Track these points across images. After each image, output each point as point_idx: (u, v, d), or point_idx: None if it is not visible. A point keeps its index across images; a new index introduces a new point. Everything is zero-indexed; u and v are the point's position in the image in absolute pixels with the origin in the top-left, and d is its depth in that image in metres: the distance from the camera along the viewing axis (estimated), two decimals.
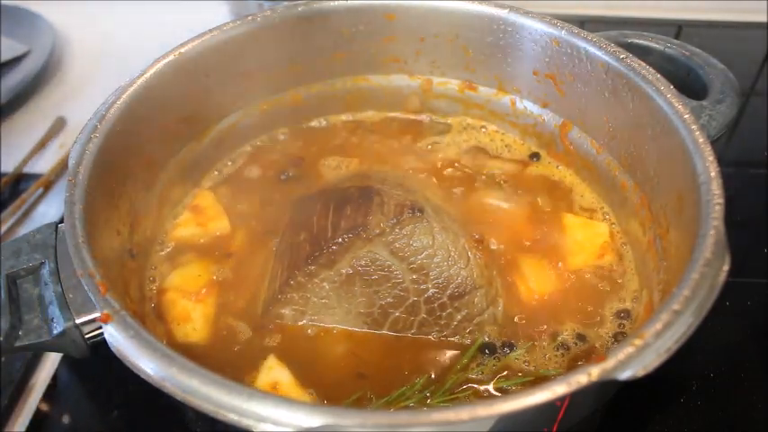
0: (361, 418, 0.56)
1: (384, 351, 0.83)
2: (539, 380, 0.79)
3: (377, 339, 0.84)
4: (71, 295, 0.69)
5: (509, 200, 1.01)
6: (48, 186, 1.31)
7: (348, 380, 0.81)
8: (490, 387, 0.80)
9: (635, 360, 0.59)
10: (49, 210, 1.27)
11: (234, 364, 0.82)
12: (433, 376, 0.80)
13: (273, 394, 0.60)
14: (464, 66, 1.08)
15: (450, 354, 0.82)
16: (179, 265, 0.93)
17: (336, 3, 1.02)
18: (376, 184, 0.87)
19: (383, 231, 0.80)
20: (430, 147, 1.11)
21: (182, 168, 1.00)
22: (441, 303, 0.82)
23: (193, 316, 0.86)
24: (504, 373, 0.81)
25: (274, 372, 0.80)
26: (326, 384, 0.80)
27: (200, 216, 0.99)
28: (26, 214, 1.27)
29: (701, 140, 0.76)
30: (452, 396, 0.78)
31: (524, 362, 0.82)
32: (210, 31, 0.97)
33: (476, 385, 0.80)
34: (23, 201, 1.26)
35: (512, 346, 0.83)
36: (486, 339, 0.83)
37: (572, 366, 0.81)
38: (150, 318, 0.87)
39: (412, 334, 0.84)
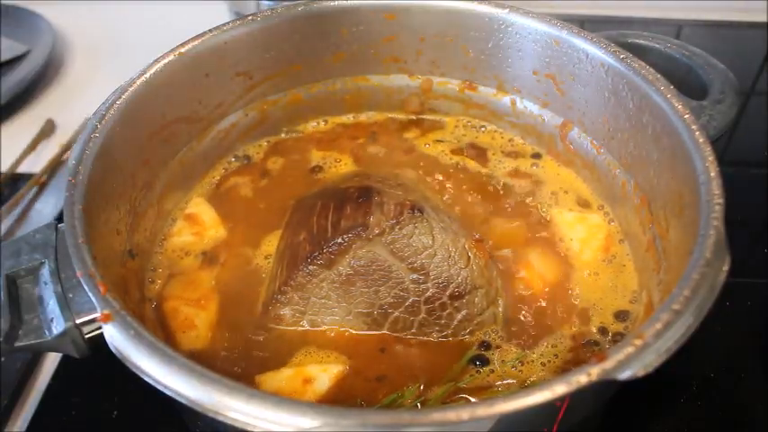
0: (361, 417, 0.56)
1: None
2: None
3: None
4: (71, 295, 0.69)
5: (509, 199, 1.01)
6: (43, 185, 1.31)
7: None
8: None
9: (635, 360, 0.59)
10: (45, 208, 1.27)
11: (238, 368, 0.82)
12: (422, 387, 0.79)
13: (274, 395, 0.60)
14: (464, 66, 1.08)
15: (446, 358, 0.82)
16: (178, 272, 0.93)
17: (336, 3, 1.02)
18: (376, 184, 0.87)
19: (383, 231, 0.80)
20: (430, 146, 1.11)
21: (182, 168, 1.00)
22: (441, 303, 0.82)
23: (197, 323, 0.86)
24: (498, 384, 0.79)
25: (323, 366, 0.80)
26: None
27: (196, 225, 0.98)
28: (23, 214, 1.27)
29: (701, 140, 0.76)
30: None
31: (519, 370, 0.81)
32: (210, 31, 0.97)
33: (467, 396, 0.79)
34: (21, 196, 1.26)
35: (505, 354, 0.82)
36: (479, 351, 0.82)
37: (569, 369, 0.81)
38: (150, 319, 0.86)
39: (412, 334, 0.84)
